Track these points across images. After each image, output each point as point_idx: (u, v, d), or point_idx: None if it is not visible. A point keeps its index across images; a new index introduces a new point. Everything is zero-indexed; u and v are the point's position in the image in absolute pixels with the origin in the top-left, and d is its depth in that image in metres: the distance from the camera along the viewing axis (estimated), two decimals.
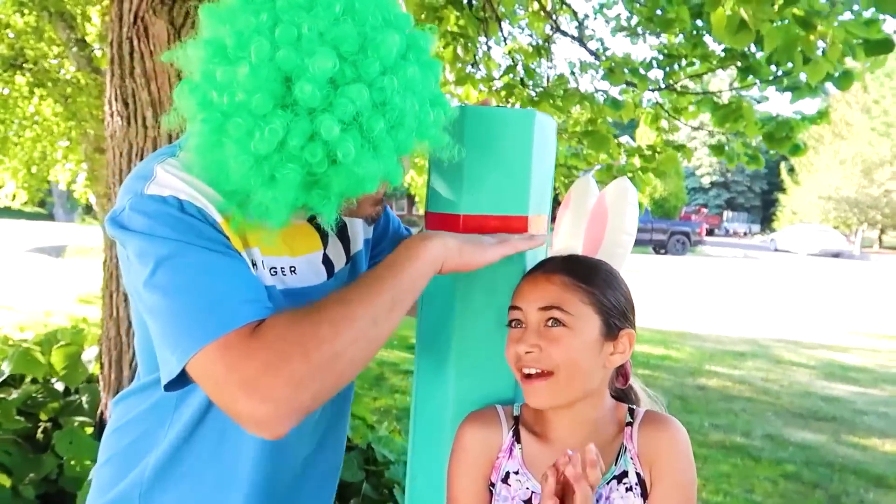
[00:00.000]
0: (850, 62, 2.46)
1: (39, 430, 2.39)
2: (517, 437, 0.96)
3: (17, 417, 2.40)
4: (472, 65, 3.77)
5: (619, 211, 1.15)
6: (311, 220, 0.95)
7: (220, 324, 0.73)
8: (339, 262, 1.01)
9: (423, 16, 3.74)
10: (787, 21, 2.06)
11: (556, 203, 1.38)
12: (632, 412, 0.97)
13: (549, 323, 0.90)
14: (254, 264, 0.85)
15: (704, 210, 37.00)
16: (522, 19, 5.77)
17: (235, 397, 0.71)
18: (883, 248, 32.92)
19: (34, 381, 2.62)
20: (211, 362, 0.72)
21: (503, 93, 3.66)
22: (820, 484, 3.68)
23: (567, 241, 1.38)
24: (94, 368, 2.65)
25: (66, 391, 2.64)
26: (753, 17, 2.13)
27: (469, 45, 3.23)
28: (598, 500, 0.89)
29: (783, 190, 34.43)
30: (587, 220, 1.25)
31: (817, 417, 4.97)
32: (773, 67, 3.14)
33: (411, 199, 38.19)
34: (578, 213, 1.36)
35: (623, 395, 1.03)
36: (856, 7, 2.15)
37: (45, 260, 13.43)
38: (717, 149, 3.82)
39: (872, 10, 1.96)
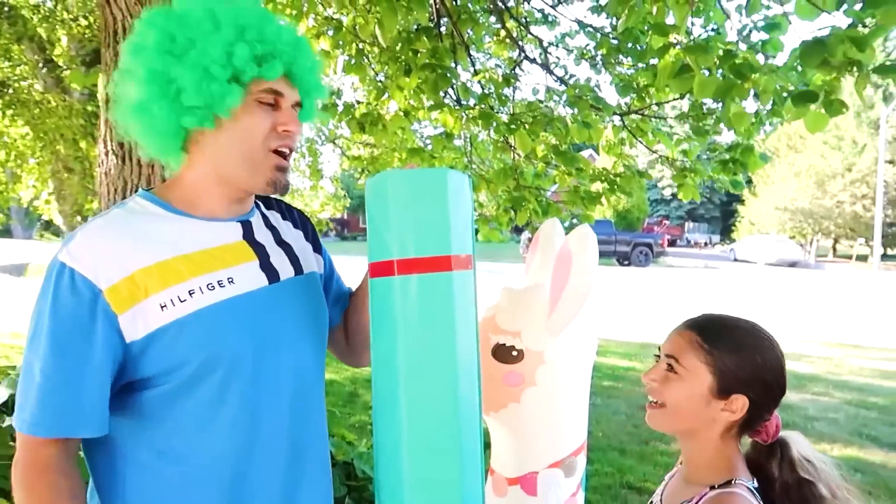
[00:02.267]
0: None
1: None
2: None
3: (11, 443, 2.48)
4: (445, 94, 3.94)
5: (582, 255, 1.34)
6: (247, 237, 1.09)
7: (35, 426, 0.95)
8: (287, 272, 1.12)
9: (398, 46, 3.92)
10: (721, 71, 2.28)
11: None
12: (729, 482, 1.06)
13: (667, 368, 1.10)
14: (163, 306, 0.97)
15: (666, 221, 37.81)
16: (489, 46, 6.00)
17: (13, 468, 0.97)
18: (837, 257, 34.02)
19: None
20: (19, 441, 0.97)
21: (480, 121, 3.83)
22: None
23: (537, 277, 1.56)
24: None
25: None
26: (695, 63, 2.35)
27: (447, 74, 3.39)
28: None
29: (742, 201, 35.36)
30: (554, 260, 1.43)
31: None
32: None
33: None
34: (546, 253, 1.55)
35: (769, 452, 1.14)
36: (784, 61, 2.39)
37: (7, 279, 13.21)
38: (681, 174, 4.02)
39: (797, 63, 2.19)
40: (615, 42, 4.31)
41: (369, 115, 4.90)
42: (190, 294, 0.99)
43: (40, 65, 7.62)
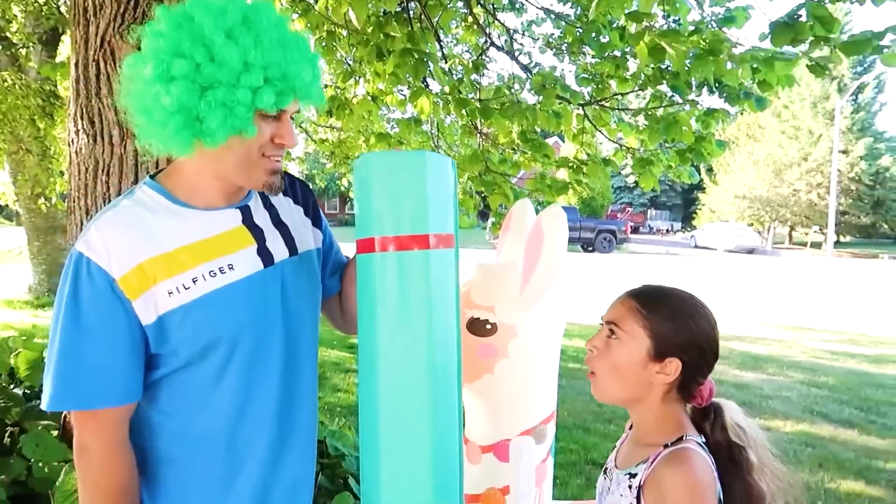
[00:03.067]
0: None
1: (6, 434, 2.47)
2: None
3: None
4: (423, 80, 3.96)
5: (553, 234, 1.40)
6: (246, 222, 1.15)
7: (85, 400, 1.04)
8: (281, 254, 1.18)
9: (370, 30, 3.92)
10: (693, 52, 2.37)
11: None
12: (679, 440, 1.12)
13: (608, 333, 1.17)
14: (170, 293, 1.04)
15: (630, 209, 38.40)
16: (456, 31, 6.02)
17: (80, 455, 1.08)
18: (792, 244, 35.01)
19: None
20: (75, 420, 1.08)
21: (454, 107, 3.87)
22: None
23: (509, 255, 1.63)
24: None
25: (27, 396, 2.71)
26: (669, 46, 2.44)
27: (423, 59, 3.42)
28: (616, 483, 1.16)
29: (703, 189, 36.07)
30: (526, 239, 1.50)
31: None
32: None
33: (343, 199, 38.03)
34: (518, 232, 1.62)
35: (703, 413, 1.20)
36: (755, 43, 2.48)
37: None
38: (641, 163, 4.12)
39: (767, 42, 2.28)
40: (580, 32, 4.38)
41: (336, 99, 4.90)
42: (193, 282, 1.06)
43: None
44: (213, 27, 0.98)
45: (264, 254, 1.16)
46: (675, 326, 1.14)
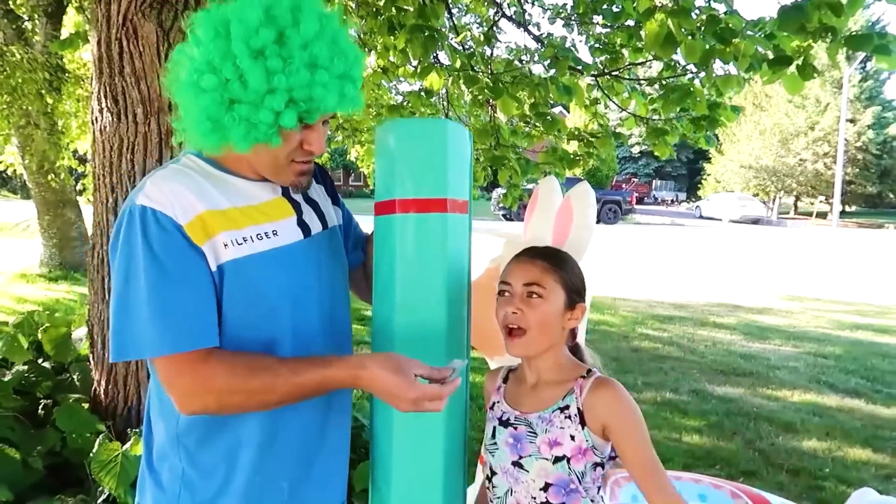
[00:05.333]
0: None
1: (40, 406, 2.54)
2: (505, 380, 1.39)
3: (15, 396, 2.54)
4: (434, 56, 3.95)
5: (583, 210, 1.44)
6: (286, 194, 1.20)
7: (188, 340, 1.02)
8: (316, 227, 1.23)
9: (381, 2, 3.91)
10: (704, 35, 2.37)
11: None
12: (589, 372, 1.29)
13: (530, 294, 1.24)
14: (225, 245, 1.07)
15: (635, 179, 38.26)
16: (467, 1, 5.97)
17: (175, 394, 1.06)
18: (798, 215, 34.91)
19: (24, 361, 2.75)
20: (171, 367, 1.04)
21: (464, 82, 3.87)
22: (738, 431, 4.17)
23: (536, 232, 1.66)
24: (82, 348, 2.79)
25: (56, 370, 2.78)
26: (678, 28, 2.45)
27: (435, 35, 3.41)
28: (542, 423, 1.25)
29: (708, 159, 35.87)
30: (554, 215, 1.53)
31: (736, 373, 5.51)
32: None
33: (347, 171, 38.03)
34: (545, 209, 1.65)
35: (574, 350, 1.37)
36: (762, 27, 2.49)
37: None
38: (655, 133, 4.12)
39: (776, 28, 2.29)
40: (591, 2, 4.34)
41: None
42: (244, 240, 1.10)
43: (1, 15, 7.36)
44: (243, 47, 0.98)
45: (303, 225, 1.20)
46: (574, 276, 1.31)
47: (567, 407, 1.24)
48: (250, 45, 0.98)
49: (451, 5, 5.16)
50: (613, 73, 4.37)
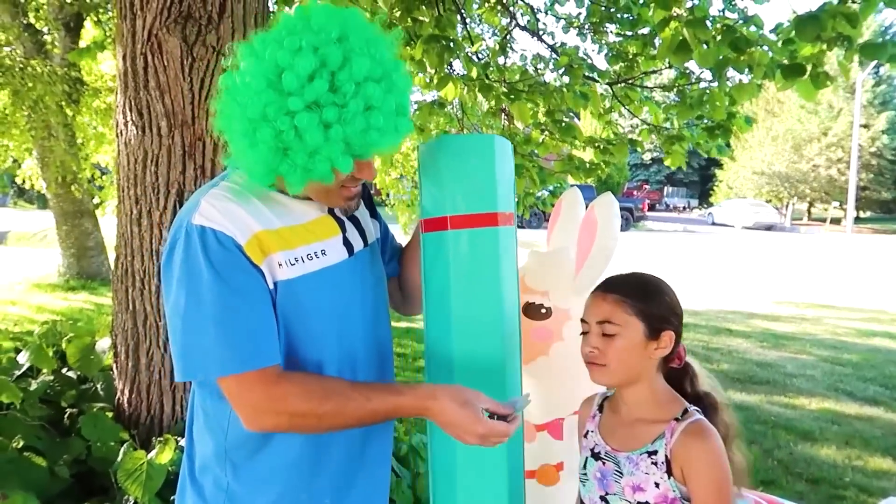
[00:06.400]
0: None
1: (66, 415, 2.58)
2: (601, 409, 1.36)
3: (40, 405, 2.58)
4: (449, 65, 3.98)
5: (608, 221, 1.46)
6: (331, 212, 1.21)
7: (257, 358, 1.03)
8: (359, 244, 1.24)
9: (398, 14, 3.94)
10: (719, 45, 2.39)
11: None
12: (685, 413, 1.23)
13: (604, 333, 1.23)
14: (280, 265, 1.09)
15: (646, 186, 38.13)
16: (480, 12, 6.01)
17: (244, 411, 1.06)
18: (811, 221, 34.64)
19: (48, 371, 2.79)
20: (241, 385, 1.04)
21: (481, 92, 3.89)
22: (755, 440, 4.14)
23: (560, 242, 1.68)
24: (106, 358, 2.83)
25: (80, 380, 2.82)
26: (693, 37, 2.46)
27: (451, 45, 3.44)
28: (629, 464, 1.22)
29: (720, 166, 35.70)
30: (579, 226, 1.55)
31: (753, 381, 5.48)
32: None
33: None
34: (569, 220, 1.67)
35: (680, 373, 1.31)
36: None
37: None
38: (670, 141, 4.13)
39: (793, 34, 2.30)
40: (606, 10, 4.37)
41: None
42: (297, 260, 1.11)
43: (21, 28, 7.48)
44: (298, 102, 0.97)
45: (347, 244, 1.22)
46: (656, 304, 1.25)
47: (655, 452, 1.21)
48: (305, 98, 0.97)
49: (464, 16, 5.20)
50: (628, 81, 4.38)
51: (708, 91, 3.71)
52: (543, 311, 1.51)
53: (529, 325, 1.52)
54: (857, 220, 31.07)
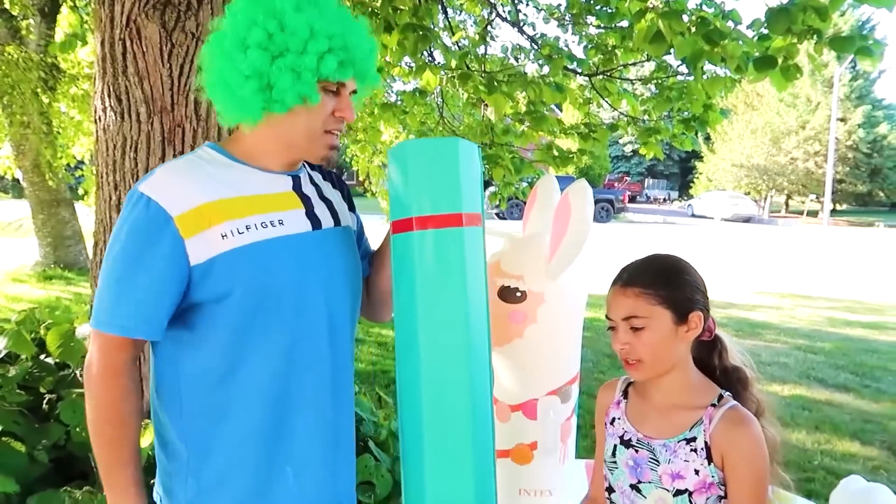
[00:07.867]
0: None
1: (45, 401, 2.57)
2: (626, 395, 1.35)
3: (19, 391, 2.57)
4: (429, 54, 3.99)
5: (581, 206, 1.49)
6: (296, 189, 1.25)
7: (122, 325, 1.11)
8: (328, 222, 1.27)
9: (378, 3, 3.94)
10: (694, 33, 2.44)
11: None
12: (720, 398, 1.22)
13: (631, 328, 1.22)
14: (224, 236, 1.11)
15: (627, 178, 38.39)
16: (461, 1, 6.02)
17: (88, 366, 1.14)
18: (789, 213, 35.11)
19: (28, 357, 2.78)
20: (100, 343, 1.13)
21: (458, 81, 3.91)
22: None
23: (535, 227, 1.72)
24: (86, 345, 2.82)
25: (59, 366, 2.81)
26: (668, 28, 2.50)
27: (427, 34, 3.45)
28: (666, 452, 1.22)
29: (700, 158, 36.00)
30: (553, 212, 1.59)
31: None
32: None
33: (339, 169, 38.21)
34: (544, 205, 1.71)
35: (709, 345, 1.31)
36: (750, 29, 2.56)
37: None
38: (646, 133, 4.18)
39: (764, 29, 2.36)
40: (585, 2, 4.40)
41: None
42: (247, 228, 1.14)
43: None
44: (283, 1, 1.10)
45: (313, 218, 1.24)
46: (679, 287, 1.23)
47: (694, 439, 1.19)
48: (289, 0, 1.11)
49: (445, 5, 5.20)
50: (607, 73, 4.43)
51: (686, 84, 3.76)
52: (518, 294, 1.55)
53: (505, 309, 1.56)
54: (834, 212, 31.55)
